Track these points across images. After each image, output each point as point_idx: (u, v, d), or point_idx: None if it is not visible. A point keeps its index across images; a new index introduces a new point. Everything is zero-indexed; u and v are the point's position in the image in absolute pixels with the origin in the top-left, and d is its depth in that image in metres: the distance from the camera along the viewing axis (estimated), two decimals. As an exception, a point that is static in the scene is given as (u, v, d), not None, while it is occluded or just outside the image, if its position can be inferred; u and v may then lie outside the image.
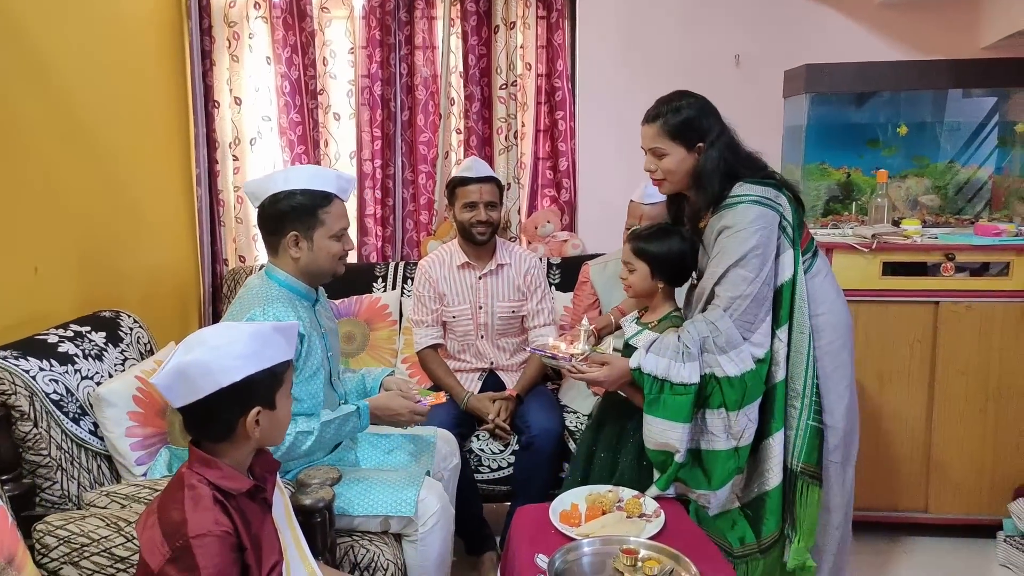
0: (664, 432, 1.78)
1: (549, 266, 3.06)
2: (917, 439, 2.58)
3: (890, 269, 2.54)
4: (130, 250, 2.61)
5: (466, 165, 2.61)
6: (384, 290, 3.08)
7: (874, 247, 2.50)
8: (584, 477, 1.98)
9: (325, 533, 1.57)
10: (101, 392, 1.87)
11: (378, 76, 3.20)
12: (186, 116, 3.12)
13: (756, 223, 1.76)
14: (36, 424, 1.74)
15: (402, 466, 2.06)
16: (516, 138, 3.27)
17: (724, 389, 1.77)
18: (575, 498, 1.80)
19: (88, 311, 2.21)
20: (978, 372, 2.53)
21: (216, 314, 3.20)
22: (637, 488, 1.84)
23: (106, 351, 2.04)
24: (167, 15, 2.97)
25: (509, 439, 2.45)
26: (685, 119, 1.83)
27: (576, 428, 2.48)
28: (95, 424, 1.89)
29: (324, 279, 1.93)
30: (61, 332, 1.97)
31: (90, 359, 1.97)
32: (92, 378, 1.94)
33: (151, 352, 2.24)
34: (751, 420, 1.79)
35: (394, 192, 3.32)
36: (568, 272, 3.04)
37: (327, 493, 1.59)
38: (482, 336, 2.63)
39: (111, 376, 2.00)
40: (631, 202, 2.54)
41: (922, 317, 2.54)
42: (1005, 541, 2.50)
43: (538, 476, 2.35)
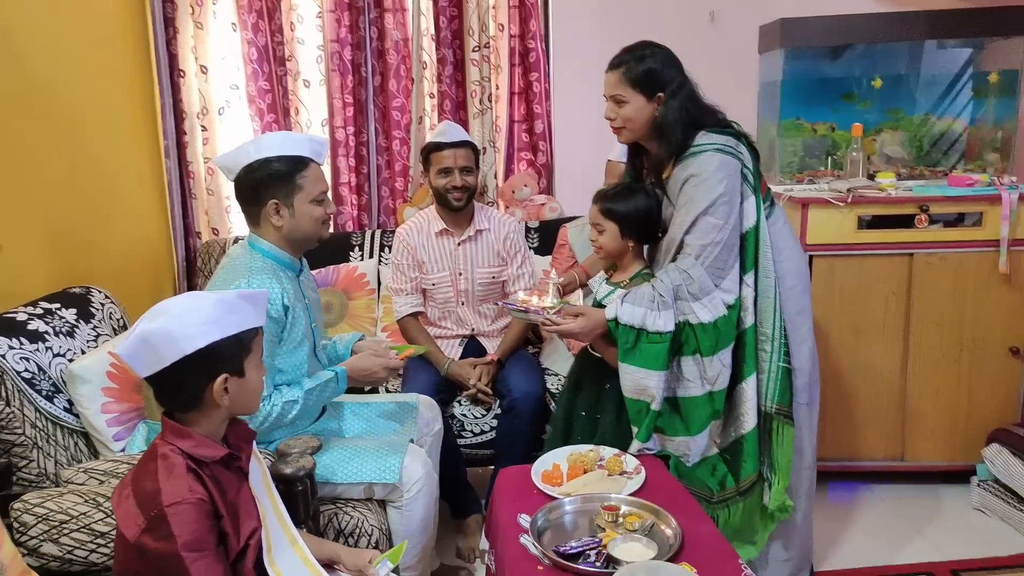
0: (640, 380, 1.81)
1: (527, 230, 3.05)
2: (893, 390, 2.62)
3: (865, 223, 2.55)
4: (99, 225, 2.56)
5: (440, 130, 2.57)
6: (361, 259, 3.06)
7: (849, 201, 2.51)
8: (565, 439, 1.99)
9: (307, 501, 1.57)
10: (74, 369, 1.84)
11: (347, 41, 3.13)
12: (151, 86, 3.04)
13: (721, 171, 1.79)
14: (8, 403, 1.71)
15: (385, 434, 2.07)
16: (491, 101, 3.23)
17: (698, 335, 1.80)
18: (557, 458, 1.81)
19: (58, 288, 2.16)
20: (952, 322, 2.56)
21: (192, 288, 3.15)
22: (619, 447, 1.85)
23: (77, 328, 2.01)
24: (126, -19, 2.88)
25: (491, 403, 2.46)
26: (647, 68, 1.85)
27: (557, 391, 2.49)
28: (69, 402, 1.86)
29: (310, 244, 1.91)
30: (30, 310, 1.94)
31: (61, 336, 1.93)
32: (64, 355, 1.90)
33: (124, 328, 2.21)
34: (724, 365, 1.83)
35: (368, 159, 3.28)
36: (546, 235, 3.03)
37: (307, 462, 1.58)
38: (463, 303, 2.62)
39: (83, 352, 1.97)
40: (608, 161, 2.53)
41: (897, 269, 2.56)
42: (979, 486, 2.56)
43: (520, 439, 2.36)
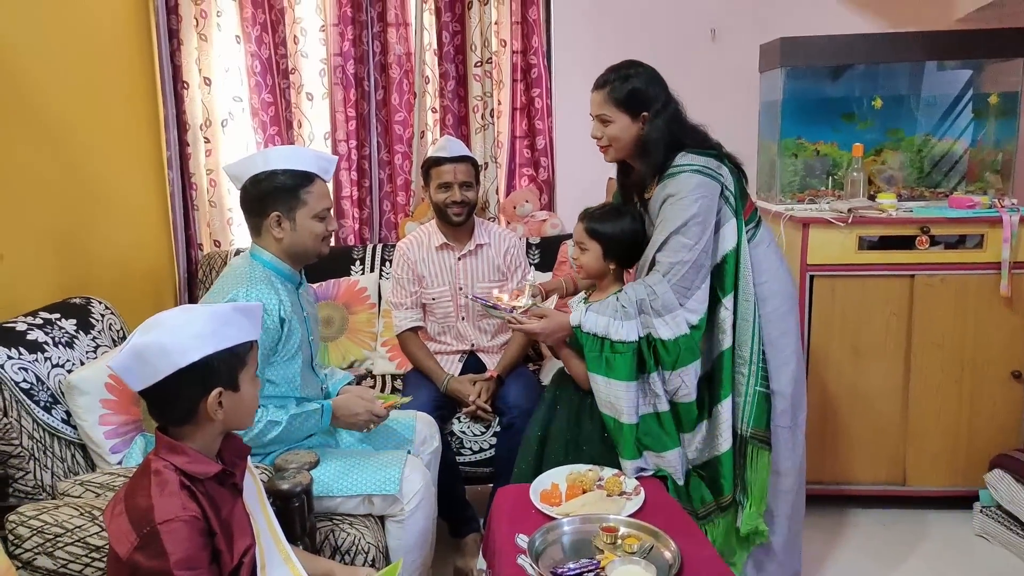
0: (608, 390, 1.83)
1: (528, 246, 3.04)
2: (894, 412, 2.61)
3: (866, 243, 2.55)
4: (101, 236, 2.56)
5: (440, 145, 2.58)
6: (362, 273, 3.06)
7: (850, 221, 2.51)
8: (538, 460, 1.97)
9: (304, 518, 1.56)
10: (72, 380, 1.83)
11: (351, 55, 3.15)
12: (155, 98, 3.05)
13: (697, 191, 1.81)
14: (6, 413, 1.70)
15: (383, 447, 2.06)
16: (492, 116, 3.24)
17: (659, 351, 1.83)
18: (555, 478, 1.80)
19: (58, 298, 2.16)
20: (953, 344, 2.55)
21: (193, 300, 3.15)
22: (600, 463, 1.86)
23: (77, 338, 2.01)
24: (132, -6, 2.89)
25: (490, 421, 2.45)
26: (632, 88, 1.87)
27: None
28: (67, 413, 1.85)
29: (308, 260, 1.92)
30: (30, 320, 1.93)
31: (60, 347, 1.93)
32: (63, 366, 1.90)
33: (124, 339, 2.20)
34: (684, 382, 1.84)
35: (370, 173, 3.28)
36: (547, 251, 3.03)
37: (304, 478, 1.57)
38: (462, 318, 2.61)
39: (83, 364, 1.96)
40: (610, 179, 2.53)
41: (898, 290, 2.55)
42: (981, 512, 2.53)
43: (519, 456, 2.35)
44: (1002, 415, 2.58)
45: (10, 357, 1.77)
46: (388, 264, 3.02)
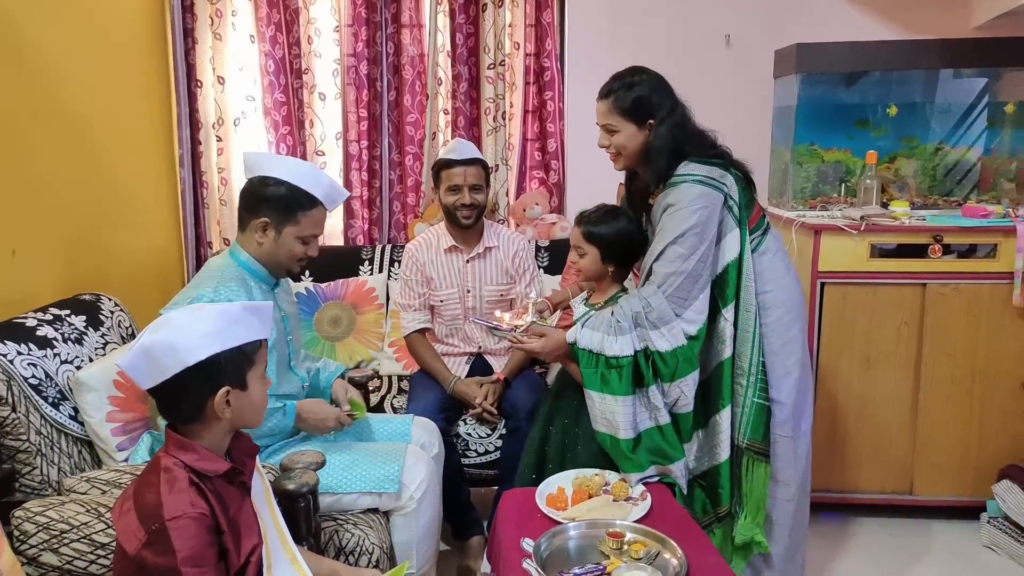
0: (603, 406, 1.81)
1: (537, 249, 3.04)
2: (903, 421, 2.59)
3: (878, 251, 2.53)
4: (111, 233, 2.57)
5: (450, 147, 2.58)
6: (371, 273, 3.06)
7: (862, 229, 2.49)
8: (539, 459, 1.98)
9: (309, 518, 1.56)
10: (81, 376, 1.84)
11: (364, 55, 3.15)
12: (168, 96, 3.06)
13: (697, 202, 1.79)
14: (14, 409, 1.71)
15: (382, 439, 2.07)
16: (504, 119, 3.24)
17: (657, 363, 1.81)
18: (561, 481, 1.79)
19: (68, 294, 2.17)
20: (964, 354, 2.53)
21: (201, 297, 3.16)
22: (598, 465, 1.85)
23: (86, 335, 2.01)
24: (147, -8, 2.91)
25: (496, 423, 2.44)
26: (636, 97, 1.86)
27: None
28: (75, 409, 1.86)
29: (279, 273, 1.93)
30: (40, 316, 1.94)
31: (70, 343, 1.94)
32: (72, 362, 1.91)
33: (133, 336, 2.21)
34: (684, 392, 1.82)
35: (381, 174, 3.29)
36: (557, 254, 3.03)
37: (311, 478, 1.57)
38: (470, 320, 2.61)
39: (91, 360, 1.97)
40: (620, 184, 2.51)
41: (909, 299, 2.53)
42: (989, 523, 2.51)
43: (525, 459, 2.34)
44: (1012, 426, 2.55)
45: (19, 352, 1.78)
46: (397, 265, 3.02)
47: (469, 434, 2.43)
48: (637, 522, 1.61)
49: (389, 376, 2.83)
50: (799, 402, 1.91)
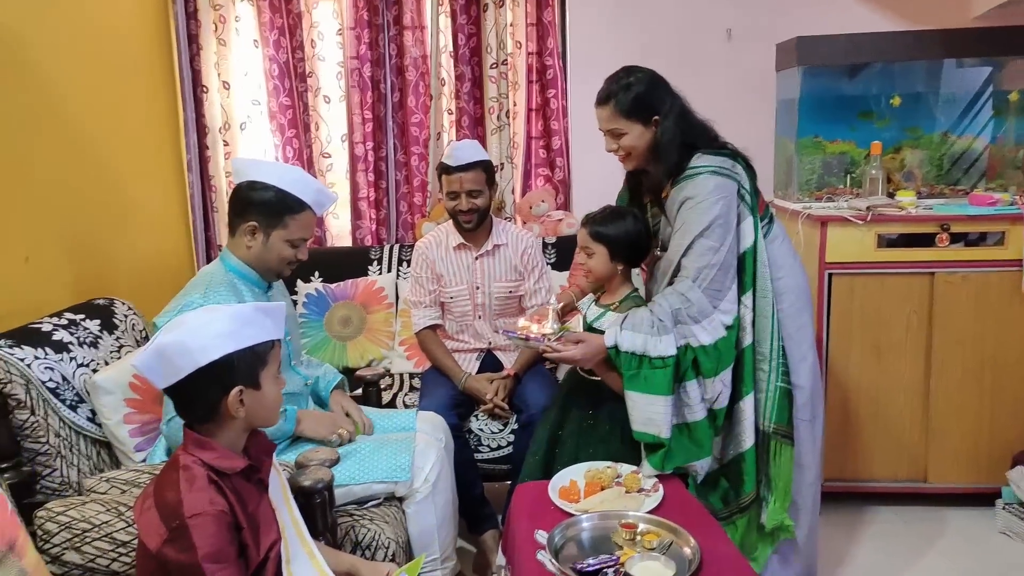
0: (647, 407, 1.79)
1: (544, 246, 3.05)
2: (915, 410, 2.59)
3: (885, 241, 2.53)
4: (122, 238, 2.59)
5: (448, 152, 2.56)
6: (380, 273, 3.08)
7: (868, 219, 2.50)
8: (547, 460, 1.97)
9: (325, 513, 1.57)
10: (97, 380, 1.87)
11: (367, 57, 3.17)
12: (175, 102, 3.09)
13: (716, 193, 1.80)
14: (33, 412, 1.73)
15: (389, 431, 2.09)
16: (508, 118, 3.25)
17: (700, 358, 1.80)
18: (574, 474, 1.80)
19: (82, 299, 2.20)
20: (974, 341, 2.53)
21: (211, 301, 3.18)
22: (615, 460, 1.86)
23: (101, 338, 2.04)
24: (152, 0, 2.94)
25: (508, 418, 2.46)
26: (636, 95, 1.85)
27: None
28: (92, 411, 1.89)
29: (269, 276, 1.94)
30: (55, 320, 1.96)
31: (85, 347, 1.96)
32: (88, 365, 1.93)
33: (147, 339, 2.23)
34: (725, 385, 1.83)
35: (387, 174, 3.31)
36: (564, 251, 3.04)
37: (326, 474, 1.59)
38: (480, 316, 2.63)
39: (107, 363, 1.99)
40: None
41: (918, 288, 2.54)
42: (1004, 509, 2.51)
43: (537, 454, 2.35)
44: (1024, 413, 2.56)
45: (37, 357, 1.80)
46: (405, 264, 3.04)
47: (481, 429, 2.45)
48: (650, 513, 1.62)
49: (400, 374, 2.85)
50: (815, 386, 1.94)
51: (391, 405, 2.60)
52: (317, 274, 3.03)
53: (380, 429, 2.11)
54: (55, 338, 1.90)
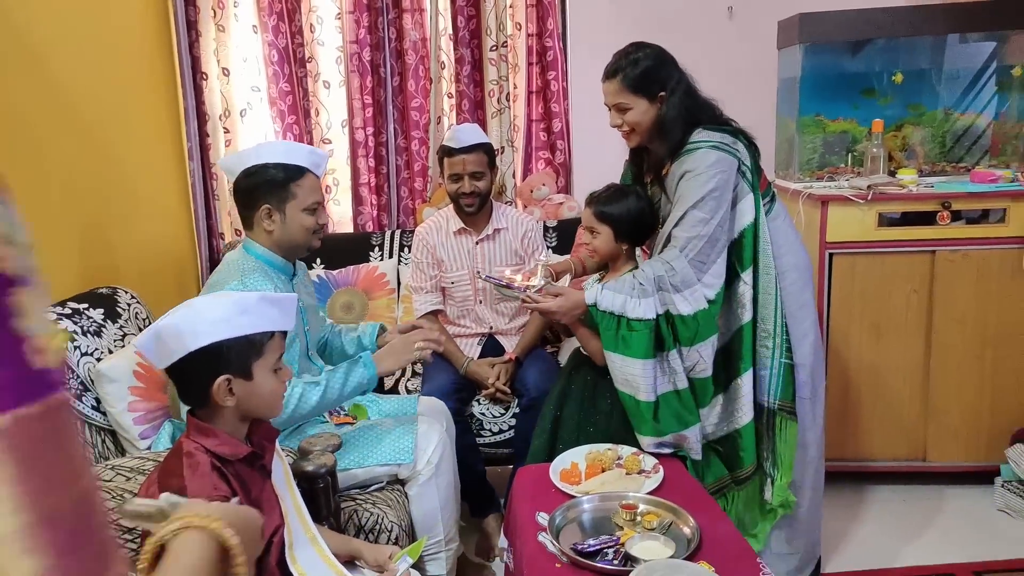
0: (623, 368, 1.83)
1: (545, 229, 3.05)
2: (915, 388, 2.60)
3: (886, 220, 2.53)
4: (125, 227, 2.60)
5: (450, 134, 2.58)
6: (381, 259, 3.08)
7: (869, 198, 2.49)
8: (552, 438, 2.00)
9: (329, 498, 1.60)
10: (101, 368, 1.88)
11: (366, 42, 3.16)
12: (174, 89, 3.08)
13: (715, 167, 1.81)
14: (39, 401, 1.75)
15: (391, 414, 2.10)
16: (509, 100, 3.24)
17: (677, 327, 1.83)
18: (575, 457, 1.82)
19: (85, 288, 2.21)
20: (975, 320, 2.53)
21: (215, 288, 3.20)
22: (615, 441, 1.88)
23: (104, 327, 2.05)
24: (149, -14, 2.93)
25: (510, 402, 2.47)
26: (644, 70, 1.86)
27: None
28: (97, 400, 1.91)
29: (300, 252, 1.95)
30: (58, 310, 1.98)
31: (89, 335, 1.98)
32: (92, 354, 1.95)
33: (150, 327, 2.25)
34: (702, 356, 1.84)
35: (387, 160, 3.30)
36: (565, 234, 3.04)
37: (328, 459, 1.61)
38: (480, 301, 2.64)
39: (111, 352, 2.01)
40: (626, 162, 2.52)
41: (919, 267, 2.53)
42: (1003, 486, 2.53)
43: (539, 437, 2.37)
44: (1024, 391, 2.56)
45: (42, 346, 1.81)
46: (407, 250, 3.04)
47: (483, 414, 2.47)
48: (650, 494, 1.64)
49: (403, 360, 2.86)
50: (816, 364, 1.96)
51: (393, 391, 2.62)
52: (319, 260, 3.04)
53: (382, 414, 2.13)
54: (59, 327, 1.91)
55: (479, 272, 2.60)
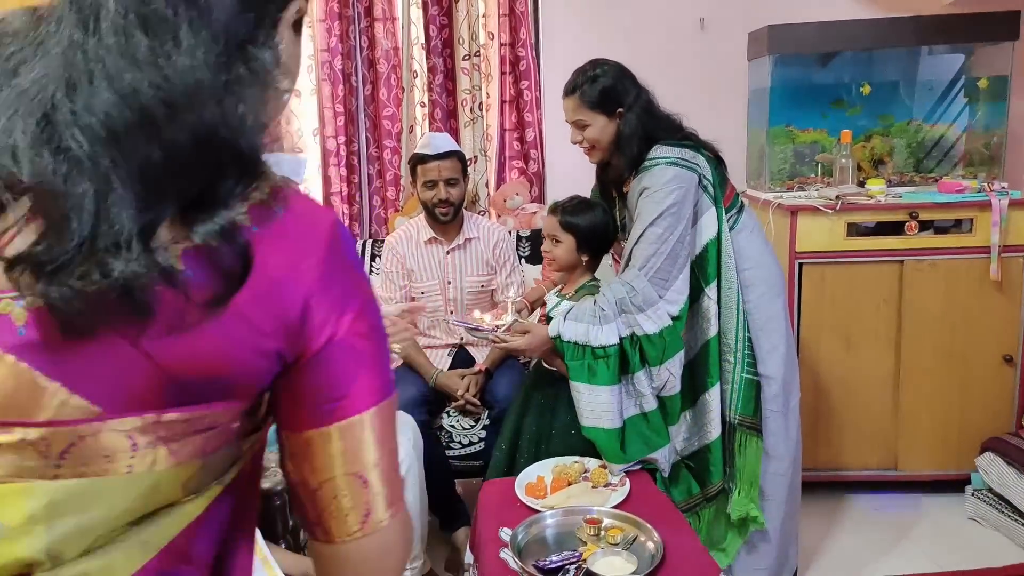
0: (591, 398, 1.81)
1: (519, 239, 3.04)
2: (885, 398, 2.61)
3: (855, 230, 2.54)
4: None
5: (424, 141, 2.57)
6: (352, 269, 3.05)
7: (838, 208, 2.50)
8: (511, 456, 1.99)
9: (286, 516, 1.56)
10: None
11: (338, 50, 3.13)
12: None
13: (672, 183, 1.80)
14: None
15: None
16: (481, 110, 3.23)
17: (644, 347, 1.81)
18: (541, 470, 1.80)
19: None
20: (944, 330, 2.55)
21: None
22: (573, 452, 1.86)
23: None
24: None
25: (479, 414, 2.45)
26: (602, 88, 1.87)
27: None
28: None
29: None
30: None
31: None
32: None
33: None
34: (672, 373, 1.83)
35: (359, 169, 3.28)
36: (538, 244, 2.99)
37: (287, 475, 1.57)
38: (451, 311, 2.61)
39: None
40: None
41: (888, 277, 2.54)
42: (973, 495, 2.53)
43: (509, 449, 2.35)
44: (993, 399, 2.57)
45: None
46: (378, 259, 3.00)
47: (453, 426, 2.44)
48: (616, 508, 1.62)
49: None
50: (788, 376, 1.94)
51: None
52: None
53: None
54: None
55: (451, 283, 2.58)
